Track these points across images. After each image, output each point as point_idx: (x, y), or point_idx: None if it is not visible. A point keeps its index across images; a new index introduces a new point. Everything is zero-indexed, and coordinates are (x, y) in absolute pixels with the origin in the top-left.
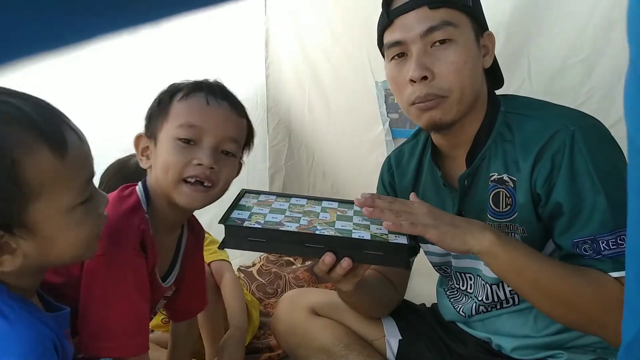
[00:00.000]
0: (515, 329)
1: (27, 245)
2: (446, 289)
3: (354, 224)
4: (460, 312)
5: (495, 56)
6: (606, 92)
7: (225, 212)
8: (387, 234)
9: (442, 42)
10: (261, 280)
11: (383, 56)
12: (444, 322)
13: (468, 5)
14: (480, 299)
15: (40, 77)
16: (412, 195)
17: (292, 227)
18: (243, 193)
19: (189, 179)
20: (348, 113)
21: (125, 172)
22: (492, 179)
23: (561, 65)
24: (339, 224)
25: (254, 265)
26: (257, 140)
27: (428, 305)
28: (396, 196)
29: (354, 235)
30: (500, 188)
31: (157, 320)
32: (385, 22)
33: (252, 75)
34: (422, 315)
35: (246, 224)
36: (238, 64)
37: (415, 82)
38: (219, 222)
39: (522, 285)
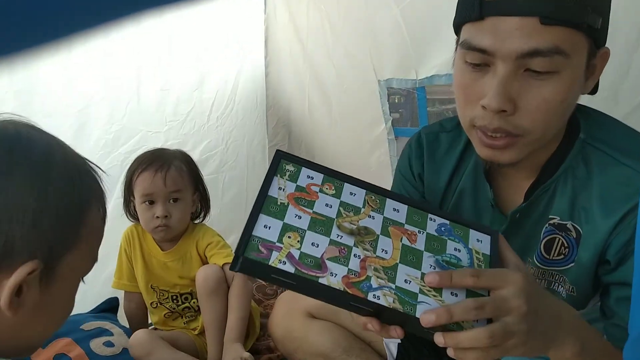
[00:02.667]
0: None
1: (33, 296)
2: None
3: (421, 276)
4: None
5: None
6: (609, 91)
7: (247, 224)
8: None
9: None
10: (261, 281)
11: (456, 34)
12: None
13: (594, 28)
14: None
15: None
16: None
17: (337, 275)
18: (275, 168)
19: None
20: (349, 112)
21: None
22: (551, 222)
23: None
24: (401, 273)
25: None
26: (256, 140)
27: None
28: (423, 196)
29: (419, 309)
30: (559, 235)
31: (159, 315)
32: (474, 14)
33: (251, 74)
34: None
35: (273, 259)
36: (237, 62)
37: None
38: (235, 251)
39: None
